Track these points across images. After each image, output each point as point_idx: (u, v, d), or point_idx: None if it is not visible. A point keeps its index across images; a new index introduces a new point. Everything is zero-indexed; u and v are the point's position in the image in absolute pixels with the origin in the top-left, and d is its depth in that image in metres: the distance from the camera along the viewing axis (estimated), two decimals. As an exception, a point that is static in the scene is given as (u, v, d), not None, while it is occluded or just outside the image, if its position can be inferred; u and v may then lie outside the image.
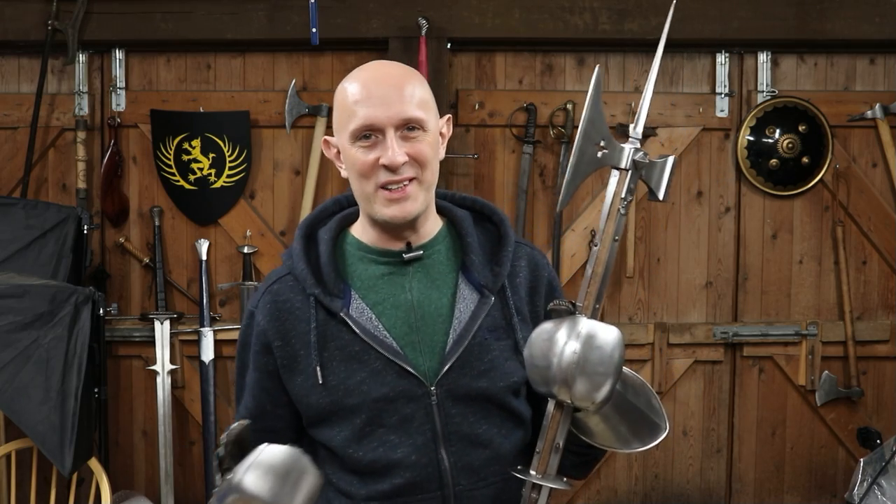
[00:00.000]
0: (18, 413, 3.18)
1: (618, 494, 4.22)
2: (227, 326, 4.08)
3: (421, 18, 3.86)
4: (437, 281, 1.65)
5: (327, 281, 1.63)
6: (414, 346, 1.62)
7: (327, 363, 1.61)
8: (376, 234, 1.65)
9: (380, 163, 1.58)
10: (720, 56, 4.09)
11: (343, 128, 1.62)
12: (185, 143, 4.02)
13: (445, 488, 1.61)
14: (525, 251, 1.72)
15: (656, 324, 4.14)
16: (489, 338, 1.63)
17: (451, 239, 1.69)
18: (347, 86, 1.67)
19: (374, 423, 1.60)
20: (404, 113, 1.60)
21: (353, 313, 1.61)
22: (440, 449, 1.61)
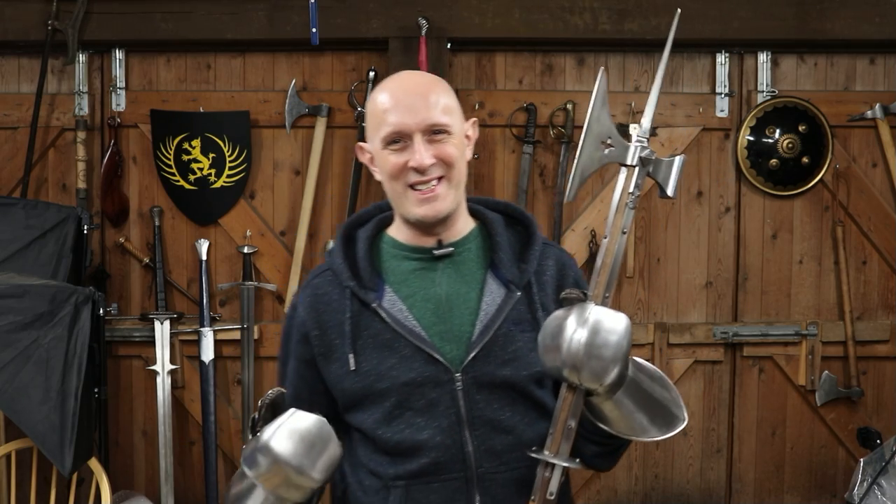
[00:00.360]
0: (18, 413, 3.18)
1: (618, 494, 4.22)
2: (227, 326, 4.08)
3: (421, 18, 3.86)
4: (467, 276, 1.76)
5: (363, 275, 1.75)
6: (441, 336, 1.72)
7: (360, 351, 1.72)
8: (410, 232, 1.77)
9: (409, 165, 1.69)
10: (720, 56, 4.10)
11: (375, 134, 1.73)
12: (185, 143, 4.02)
13: (468, 470, 1.70)
14: (553, 252, 1.83)
15: (656, 324, 4.14)
16: (514, 329, 1.73)
17: (483, 238, 1.80)
18: (378, 96, 1.75)
19: (403, 406, 1.70)
20: (430, 119, 1.70)
21: (386, 304, 1.73)
22: (464, 432, 1.70)
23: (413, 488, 1.71)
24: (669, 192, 1.66)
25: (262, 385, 4.14)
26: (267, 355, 4.13)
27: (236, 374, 4.14)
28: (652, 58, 4.12)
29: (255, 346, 4.09)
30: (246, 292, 4.06)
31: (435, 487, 1.71)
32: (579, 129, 4.03)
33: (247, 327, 4.06)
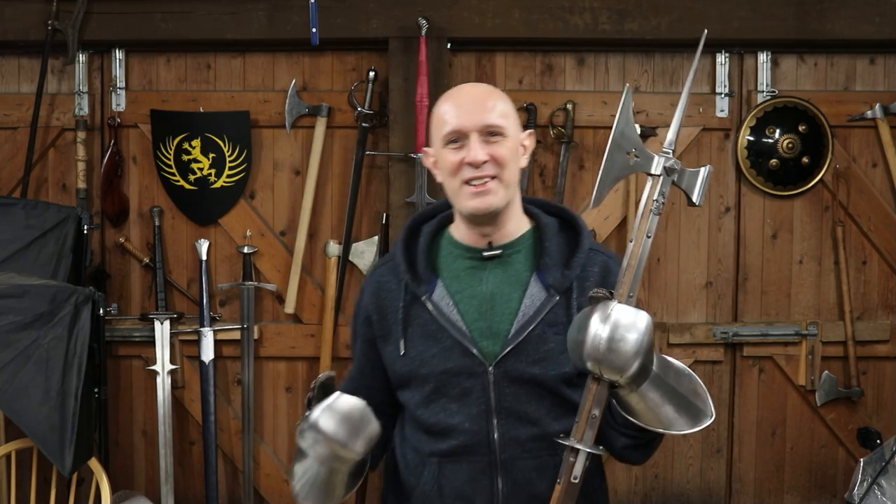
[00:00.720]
0: (18, 413, 3.18)
1: (618, 494, 4.22)
2: (227, 326, 4.08)
3: (421, 18, 3.86)
4: (512, 277, 1.91)
5: (418, 269, 1.93)
6: (481, 331, 1.89)
7: (410, 338, 1.92)
8: (466, 231, 1.93)
9: (464, 161, 1.85)
10: (720, 56, 4.09)
11: (437, 136, 1.92)
12: (185, 143, 4.02)
13: (493, 455, 1.88)
14: (600, 259, 1.95)
15: (656, 324, 4.13)
16: (548, 331, 1.87)
17: (534, 241, 1.94)
18: (441, 103, 1.94)
19: (439, 391, 1.90)
20: (485, 120, 1.87)
21: (435, 298, 1.91)
22: (492, 420, 1.88)
23: (444, 466, 1.92)
24: (695, 200, 1.80)
25: (262, 385, 4.14)
26: (267, 355, 4.13)
27: (236, 374, 4.14)
28: (652, 58, 4.12)
29: (255, 346, 4.09)
30: (246, 292, 4.06)
31: (463, 467, 1.90)
32: (579, 129, 4.06)
33: (247, 327, 4.06)
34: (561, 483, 1.75)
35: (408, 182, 3.93)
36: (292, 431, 4.16)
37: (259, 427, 4.16)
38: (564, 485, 1.74)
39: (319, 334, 4.07)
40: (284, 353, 4.13)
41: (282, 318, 4.14)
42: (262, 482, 4.16)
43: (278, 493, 4.18)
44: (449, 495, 1.92)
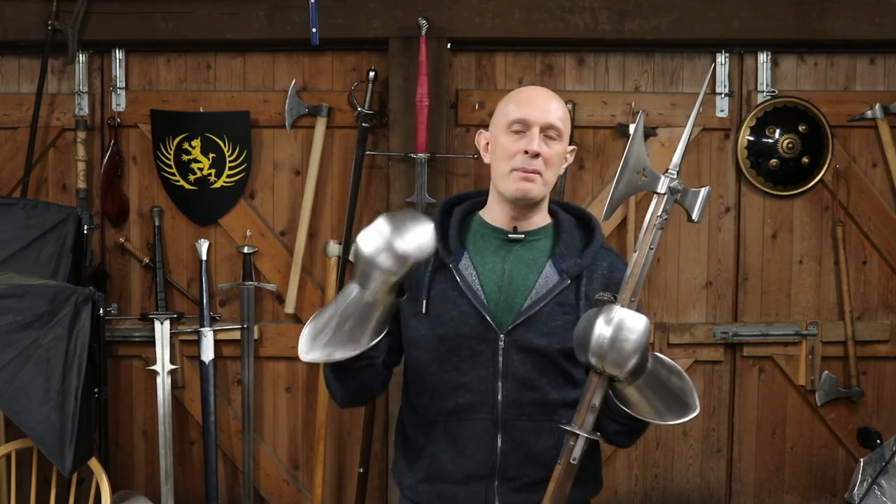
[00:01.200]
0: (18, 413, 3.18)
1: (618, 494, 4.22)
2: (227, 326, 4.08)
3: (421, 18, 3.86)
4: (531, 260, 2.14)
5: (450, 241, 2.14)
6: (497, 303, 2.09)
7: (432, 299, 2.11)
8: (497, 214, 2.16)
9: (524, 149, 2.07)
10: (720, 56, 4.10)
11: (500, 121, 2.13)
12: (185, 143, 4.02)
13: (495, 414, 2.08)
14: (610, 257, 2.19)
15: (656, 324, 4.14)
16: (557, 310, 2.08)
17: (554, 234, 2.18)
18: (511, 93, 2.18)
19: (453, 351, 2.09)
20: (550, 118, 2.10)
21: (461, 267, 2.12)
22: (497, 383, 2.08)
23: (449, 423, 2.10)
24: (695, 218, 2.02)
25: (262, 385, 4.15)
26: (267, 355, 4.13)
27: (236, 374, 4.14)
28: (652, 58, 4.12)
29: (255, 346, 4.09)
30: (246, 292, 4.06)
31: (467, 425, 2.09)
32: (579, 129, 4.06)
33: (247, 327, 4.06)
34: (561, 464, 1.95)
35: (408, 182, 3.94)
36: (292, 431, 4.17)
37: (259, 427, 4.16)
38: (564, 465, 1.95)
39: (319, 334, 4.06)
40: (284, 353, 4.13)
41: (282, 318, 4.14)
42: (262, 482, 4.16)
43: (278, 493, 4.18)
44: (453, 450, 2.10)
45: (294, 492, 4.18)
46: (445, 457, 2.11)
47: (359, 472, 4.01)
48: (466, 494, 2.11)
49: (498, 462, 2.09)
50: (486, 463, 2.09)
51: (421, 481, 2.15)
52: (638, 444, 4.15)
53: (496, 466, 2.09)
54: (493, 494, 2.10)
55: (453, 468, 2.11)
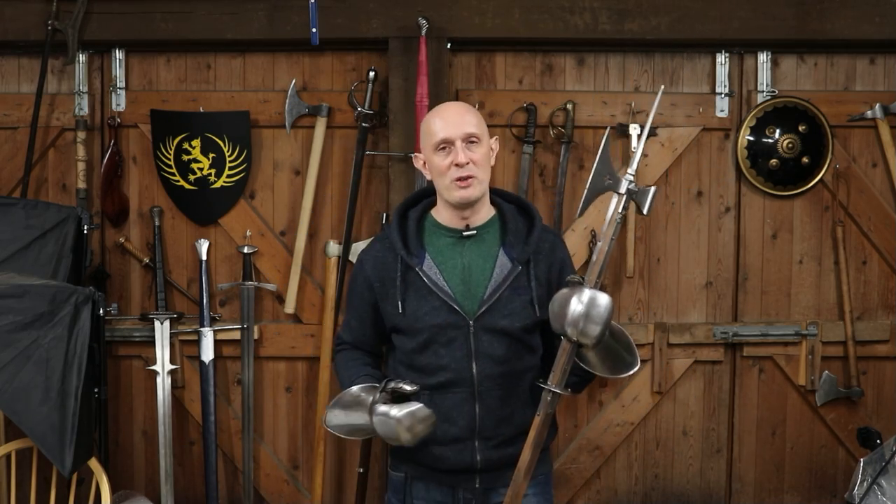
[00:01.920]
0: (18, 413, 3.18)
1: (618, 494, 4.22)
2: (227, 326, 4.08)
3: (421, 18, 3.86)
4: (485, 252, 2.52)
5: (410, 245, 2.51)
6: (462, 294, 2.49)
7: (406, 299, 2.50)
8: (448, 215, 2.53)
9: (452, 163, 2.45)
10: (720, 56, 4.10)
11: (427, 144, 2.52)
12: (185, 143, 4.02)
13: (472, 387, 2.49)
14: (550, 237, 2.59)
15: (656, 324, 4.14)
16: (513, 293, 2.49)
17: (500, 224, 2.55)
18: (429, 118, 2.55)
19: (431, 340, 2.49)
20: (466, 129, 2.48)
21: (425, 268, 2.49)
22: (472, 361, 2.48)
23: (434, 396, 2.49)
24: (644, 212, 2.43)
25: (262, 385, 4.15)
26: (267, 355, 4.13)
27: (236, 374, 4.14)
28: (652, 58, 4.12)
29: (255, 346, 4.09)
30: (246, 292, 4.06)
31: (449, 397, 2.49)
32: (579, 129, 4.07)
33: (247, 327, 4.06)
34: (540, 415, 2.40)
35: (408, 182, 3.93)
36: (292, 431, 4.17)
37: (259, 427, 4.16)
38: (542, 417, 2.40)
39: (319, 334, 4.07)
40: (284, 353, 4.13)
41: (282, 318, 4.14)
42: (262, 482, 4.16)
43: (278, 493, 4.18)
44: (439, 418, 2.43)
45: (294, 492, 4.18)
46: None
47: (359, 472, 4.01)
48: (453, 453, 2.52)
49: (477, 425, 2.51)
50: (468, 427, 2.51)
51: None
52: (638, 443, 4.19)
53: (476, 429, 2.51)
54: (475, 452, 2.52)
55: (441, 433, 2.48)
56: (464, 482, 2.56)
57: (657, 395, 4.17)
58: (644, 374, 4.15)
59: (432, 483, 2.58)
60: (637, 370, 2.43)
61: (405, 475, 2.62)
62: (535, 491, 2.54)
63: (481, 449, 2.52)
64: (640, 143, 2.51)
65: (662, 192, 4.14)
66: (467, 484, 2.56)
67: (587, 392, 4.16)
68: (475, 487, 2.56)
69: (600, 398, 4.19)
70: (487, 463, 2.53)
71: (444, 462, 2.53)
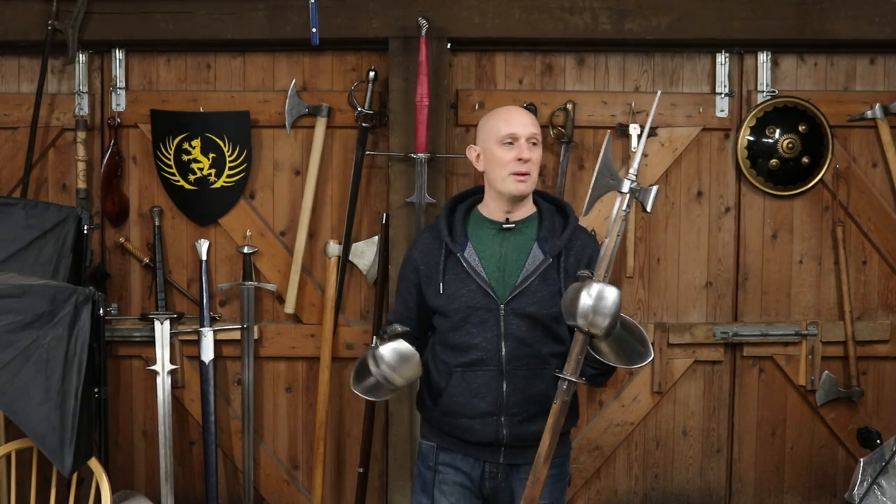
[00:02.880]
0: (18, 413, 3.18)
1: (618, 494, 4.23)
2: (227, 326, 4.08)
3: (421, 18, 3.86)
4: (521, 244, 2.72)
5: (455, 234, 2.73)
6: (497, 280, 2.69)
7: (447, 282, 2.71)
8: (493, 208, 2.74)
9: (516, 157, 2.66)
10: (720, 56, 4.10)
11: (493, 137, 2.70)
12: (185, 143, 4.02)
13: (500, 365, 2.67)
14: (582, 236, 2.75)
15: (656, 324, 4.14)
16: (543, 283, 2.67)
17: (538, 221, 2.75)
18: (498, 114, 2.77)
19: (465, 320, 2.68)
20: (532, 130, 2.70)
21: (466, 255, 2.70)
22: (501, 342, 2.67)
23: (466, 373, 2.69)
24: (648, 209, 2.53)
25: (262, 385, 4.15)
26: (267, 355, 4.13)
27: (236, 374, 4.14)
28: (652, 58, 4.12)
29: (255, 346, 4.09)
30: (246, 292, 4.06)
31: (479, 374, 2.68)
32: (579, 129, 4.07)
33: (247, 327, 4.06)
34: (557, 403, 2.51)
35: (408, 182, 3.94)
36: (292, 431, 4.17)
37: (259, 427, 4.16)
38: (560, 404, 2.51)
39: (319, 334, 4.07)
40: (284, 353, 4.13)
41: (282, 318, 4.14)
42: (262, 482, 4.16)
43: (278, 492, 4.18)
44: (469, 393, 2.68)
45: (294, 492, 4.18)
46: (463, 398, 2.69)
47: (359, 472, 4.01)
48: (481, 426, 2.69)
49: (504, 402, 2.67)
50: (496, 403, 2.68)
51: (444, 415, 2.74)
52: (638, 443, 4.19)
53: (503, 405, 2.68)
54: (501, 426, 2.69)
55: (470, 407, 2.69)
56: (490, 455, 2.73)
57: (657, 395, 4.17)
58: (644, 374, 4.15)
59: (459, 454, 2.76)
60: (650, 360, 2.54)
61: (435, 445, 2.80)
62: (552, 472, 2.65)
63: (507, 424, 2.68)
64: (641, 143, 2.56)
65: (662, 192, 4.15)
66: (493, 457, 2.73)
67: (587, 392, 4.16)
68: (500, 462, 2.73)
69: (600, 398, 4.19)
70: (512, 438, 2.69)
71: (473, 434, 2.70)
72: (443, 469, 2.78)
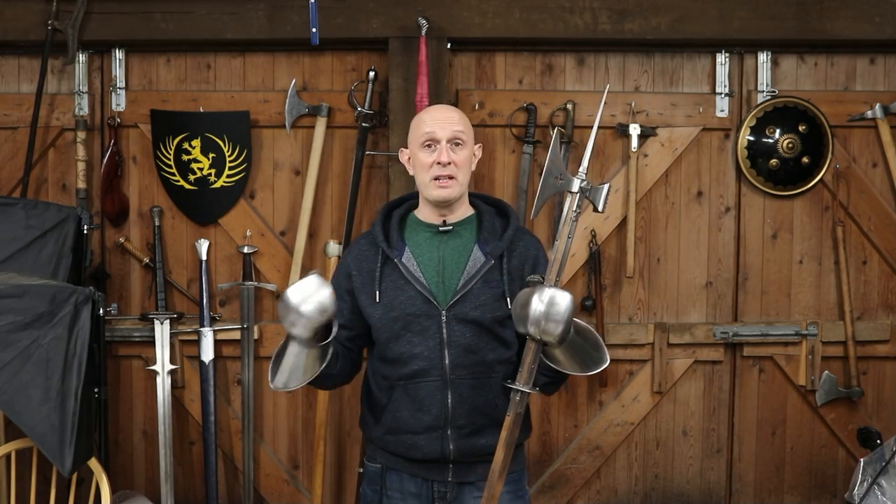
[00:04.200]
0: (18, 413, 3.18)
1: (618, 494, 4.23)
2: (227, 326, 4.08)
3: (421, 18, 3.86)
4: (460, 247, 2.56)
5: (391, 239, 2.57)
6: (437, 285, 2.53)
7: (383, 289, 2.54)
8: (428, 212, 2.59)
9: (435, 161, 2.50)
10: (720, 56, 4.10)
11: (415, 140, 2.56)
12: (185, 143, 4.02)
13: (444, 376, 2.51)
14: (524, 237, 2.61)
15: (656, 324, 4.14)
16: (485, 286, 2.52)
17: (477, 223, 2.60)
18: (420, 115, 2.63)
19: (405, 329, 2.51)
20: (452, 132, 2.52)
21: (404, 260, 2.54)
22: (444, 350, 2.50)
23: (408, 386, 2.53)
24: (599, 209, 2.41)
25: (262, 385, 4.14)
26: (267, 355, 4.13)
27: (236, 374, 4.14)
28: (652, 58, 4.12)
29: (255, 346, 4.09)
30: (246, 292, 4.06)
31: (422, 386, 2.51)
32: (579, 128, 4.07)
33: (247, 327, 4.06)
34: (510, 415, 2.40)
35: (408, 182, 3.93)
36: (292, 431, 4.17)
37: (259, 427, 4.16)
38: (513, 416, 2.40)
39: (319, 334, 4.07)
40: (284, 353, 4.13)
41: (282, 318, 4.14)
42: (262, 482, 4.16)
43: (278, 492, 4.18)
44: (412, 407, 2.53)
45: (294, 492, 4.18)
46: (406, 412, 2.54)
47: (359, 473, 4.01)
48: (426, 442, 2.54)
49: (449, 414, 2.52)
50: (440, 416, 2.52)
51: (387, 433, 2.58)
52: (638, 443, 4.19)
53: (448, 418, 2.52)
54: (447, 440, 2.53)
55: (414, 422, 2.53)
56: (437, 473, 2.57)
57: (657, 395, 4.17)
58: (644, 374, 4.15)
59: (406, 474, 2.59)
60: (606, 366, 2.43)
61: (381, 466, 2.63)
62: (508, 489, 2.54)
63: (454, 437, 2.52)
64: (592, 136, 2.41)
65: (662, 192, 4.15)
66: (440, 475, 2.57)
67: (587, 392, 4.16)
68: (448, 480, 2.57)
69: (600, 398, 4.19)
70: (460, 453, 2.54)
71: (418, 451, 2.54)
72: (391, 495, 2.61)
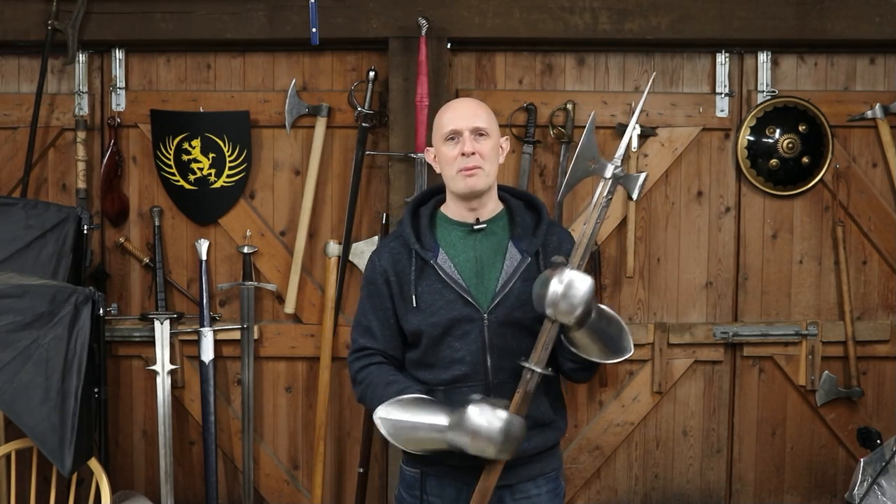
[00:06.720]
0: (18, 413, 3.18)
1: (618, 494, 4.23)
2: (227, 326, 4.08)
3: (421, 18, 3.86)
4: (495, 245, 2.51)
5: (423, 240, 2.50)
6: (476, 287, 2.47)
7: (420, 294, 2.47)
8: (457, 209, 2.52)
9: (459, 153, 2.45)
10: (720, 56, 4.10)
11: (438, 136, 2.52)
12: (185, 143, 4.02)
13: (487, 380, 2.46)
14: (557, 231, 2.59)
15: (656, 324, 4.14)
16: (524, 285, 2.44)
17: (508, 218, 2.55)
18: (442, 111, 2.57)
19: (446, 333, 2.46)
20: (475, 123, 2.49)
21: (440, 261, 2.47)
22: (486, 354, 2.45)
23: (449, 391, 2.46)
24: (633, 197, 2.47)
25: (262, 385, 4.15)
26: (267, 355, 4.13)
27: (236, 374, 4.14)
28: (652, 58, 4.12)
29: (255, 346, 4.09)
30: (246, 292, 4.06)
31: (464, 391, 2.43)
32: (579, 128, 4.06)
33: (247, 327, 4.06)
34: (519, 392, 2.36)
35: (408, 182, 3.94)
36: (292, 431, 4.17)
37: (259, 427, 4.16)
38: (522, 393, 2.36)
39: (319, 334, 4.07)
40: (284, 353, 4.13)
41: (282, 318, 4.14)
42: (262, 482, 4.16)
43: (278, 492, 4.18)
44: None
45: (294, 492, 4.18)
46: None
47: (359, 472, 4.01)
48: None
49: None
50: None
51: None
52: (638, 443, 4.19)
53: None
54: None
55: None
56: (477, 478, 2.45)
57: (657, 395, 4.17)
58: (644, 374, 4.15)
59: (446, 479, 2.51)
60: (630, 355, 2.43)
61: (420, 472, 2.54)
62: (548, 488, 2.52)
63: None
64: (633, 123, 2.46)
65: (663, 192, 4.15)
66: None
67: (587, 392, 4.16)
68: None
69: (600, 398, 4.19)
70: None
71: (459, 457, 2.40)
72: (432, 501, 2.53)
